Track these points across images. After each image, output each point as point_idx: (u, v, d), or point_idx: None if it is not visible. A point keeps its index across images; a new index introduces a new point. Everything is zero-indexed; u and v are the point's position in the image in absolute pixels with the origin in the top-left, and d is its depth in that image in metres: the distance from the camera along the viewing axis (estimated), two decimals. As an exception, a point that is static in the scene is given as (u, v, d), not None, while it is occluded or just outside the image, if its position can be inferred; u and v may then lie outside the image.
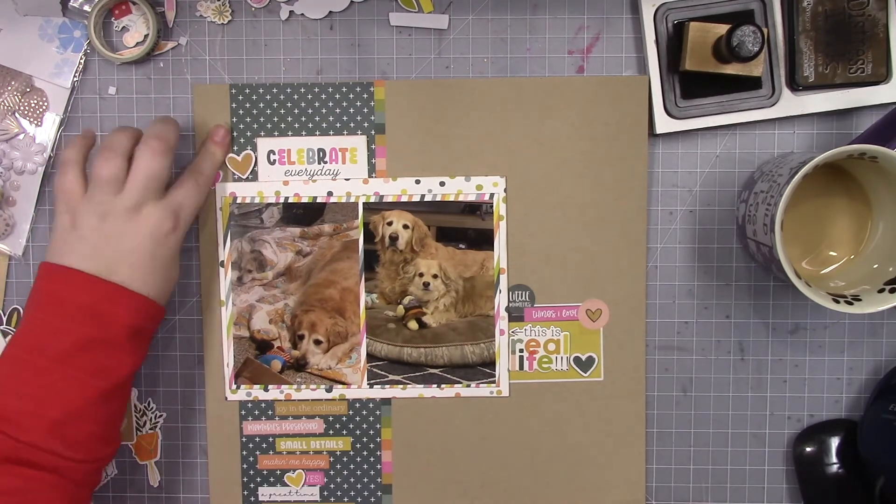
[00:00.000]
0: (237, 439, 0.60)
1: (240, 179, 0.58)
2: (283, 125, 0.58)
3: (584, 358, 0.59)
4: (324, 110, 0.58)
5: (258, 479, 0.60)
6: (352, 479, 0.60)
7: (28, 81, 0.58)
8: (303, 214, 0.58)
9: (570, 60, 0.58)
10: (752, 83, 0.56)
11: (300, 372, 0.59)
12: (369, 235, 0.58)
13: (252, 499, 0.60)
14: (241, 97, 0.58)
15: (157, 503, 0.61)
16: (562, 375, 0.59)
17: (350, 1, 0.58)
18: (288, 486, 0.60)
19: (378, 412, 0.59)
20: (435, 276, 0.59)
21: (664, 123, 0.57)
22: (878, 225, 0.56)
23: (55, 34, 0.58)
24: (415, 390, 0.59)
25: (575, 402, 0.59)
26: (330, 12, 0.58)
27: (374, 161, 0.58)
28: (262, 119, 0.58)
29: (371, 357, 0.59)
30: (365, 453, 0.60)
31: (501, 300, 0.59)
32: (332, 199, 0.58)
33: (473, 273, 0.59)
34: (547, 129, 0.57)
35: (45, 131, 0.58)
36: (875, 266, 0.55)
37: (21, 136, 0.58)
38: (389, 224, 0.58)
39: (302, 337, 0.59)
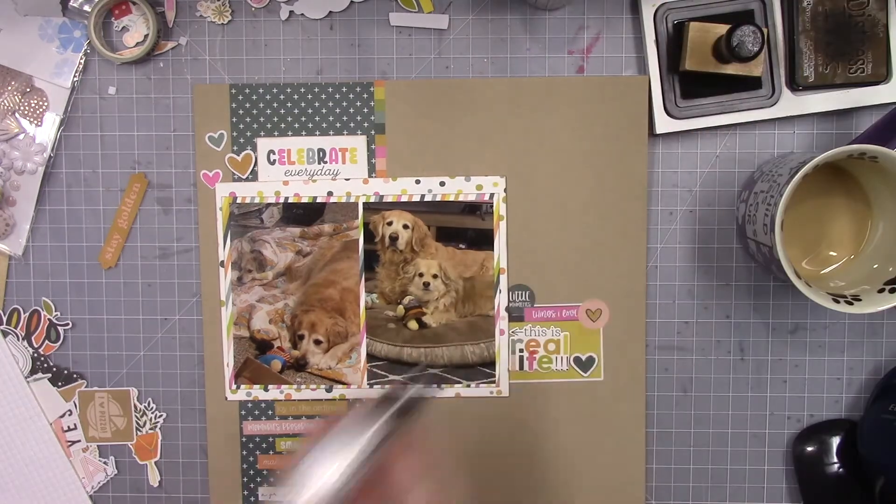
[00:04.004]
0: (237, 439, 0.60)
1: (240, 179, 0.58)
2: (283, 125, 0.58)
3: (584, 358, 0.59)
4: (324, 110, 0.58)
5: (258, 479, 0.60)
6: (352, 479, 0.60)
7: (28, 81, 0.58)
8: (303, 214, 0.58)
9: (570, 60, 0.58)
10: (752, 83, 0.56)
11: (300, 372, 0.59)
12: (369, 235, 0.58)
13: (252, 499, 0.60)
14: (241, 97, 0.58)
15: (157, 503, 0.61)
16: (562, 375, 0.59)
17: (350, 1, 0.58)
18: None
19: (378, 412, 0.59)
20: (435, 276, 0.59)
21: (664, 123, 0.57)
22: (878, 225, 0.56)
23: (55, 34, 0.58)
24: (415, 390, 0.59)
25: (575, 402, 0.59)
26: (330, 12, 0.58)
27: (374, 161, 0.58)
28: (262, 119, 0.58)
29: (371, 357, 0.59)
30: (365, 453, 0.60)
31: (501, 300, 0.59)
32: (332, 199, 0.58)
33: (473, 273, 0.59)
34: (547, 129, 0.57)
35: (45, 131, 0.58)
36: (875, 266, 0.55)
37: (21, 136, 0.58)
38: (389, 224, 0.58)
39: (302, 337, 0.59)
